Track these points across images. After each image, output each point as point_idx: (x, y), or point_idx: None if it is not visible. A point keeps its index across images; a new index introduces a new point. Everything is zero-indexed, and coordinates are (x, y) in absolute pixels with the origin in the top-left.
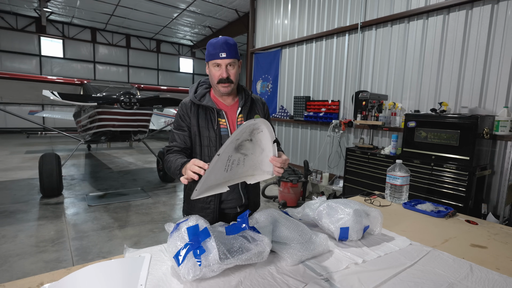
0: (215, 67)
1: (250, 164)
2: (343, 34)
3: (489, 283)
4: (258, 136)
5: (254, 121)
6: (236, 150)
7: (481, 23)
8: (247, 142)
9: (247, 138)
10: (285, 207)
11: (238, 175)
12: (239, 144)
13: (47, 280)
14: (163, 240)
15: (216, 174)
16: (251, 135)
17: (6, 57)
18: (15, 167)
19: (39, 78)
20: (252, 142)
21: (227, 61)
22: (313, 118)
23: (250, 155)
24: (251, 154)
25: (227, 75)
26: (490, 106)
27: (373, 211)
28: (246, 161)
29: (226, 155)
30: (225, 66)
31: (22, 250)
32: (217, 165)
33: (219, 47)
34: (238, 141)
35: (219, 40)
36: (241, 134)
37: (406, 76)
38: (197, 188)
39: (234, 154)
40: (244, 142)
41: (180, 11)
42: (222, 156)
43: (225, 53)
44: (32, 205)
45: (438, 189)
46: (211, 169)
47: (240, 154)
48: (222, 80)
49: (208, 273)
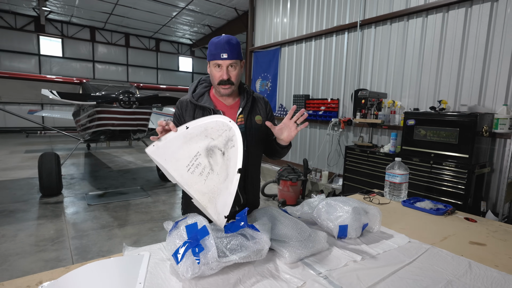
0: (216, 67)
1: (211, 186)
2: (342, 32)
3: (488, 280)
4: (231, 152)
5: (230, 123)
6: (207, 153)
7: (480, 21)
8: (219, 153)
9: (221, 147)
10: (284, 206)
11: (194, 187)
12: (212, 146)
13: (46, 278)
14: (162, 239)
15: (177, 154)
16: (226, 146)
17: (5, 56)
18: (14, 166)
19: (38, 77)
20: (223, 158)
21: (228, 62)
22: (312, 116)
23: (215, 175)
24: (216, 173)
25: (228, 76)
26: (489, 104)
27: (372, 209)
28: (209, 179)
29: (195, 147)
30: (226, 67)
31: (21, 249)
32: (180, 141)
33: (220, 47)
34: (213, 142)
35: (221, 39)
36: (217, 129)
37: (405, 74)
38: (154, 144)
39: (204, 156)
40: (217, 149)
41: (179, 9)
42: (190, 137)
43: (226, 54)
44: (31, 204)
45: (437, 187)
46: (175, 136)
47: (208, 162)
48: (223, 81)
49: (207, 271)
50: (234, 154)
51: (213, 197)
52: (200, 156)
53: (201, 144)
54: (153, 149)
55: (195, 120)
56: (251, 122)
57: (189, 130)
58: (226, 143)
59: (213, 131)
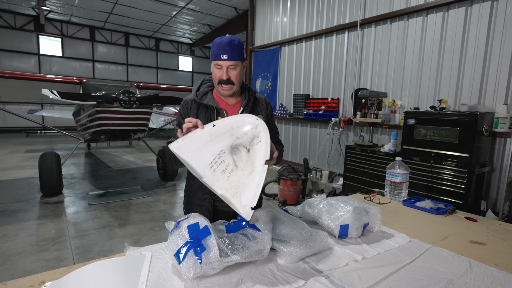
0: (217, 67)
1: (234, 181)
2: (342, 31)
3: (488, 279)
4: (256, 148)
5: (257, 121)
6: (232, 150)
7: (480, 20)
8: (244, 150)
9: (246, 145)
10: (285, 205)
11: (217, 184)
12: (237, 144)
13: (49, 278)
14: (163, 239)
15: (201, 151)
16: (251, 143)
17: (5, 56)
18: (15, 166)
19: (38, 77)
20: (248, 154)
21: (228, 63)
22: (312, 116)
23: (239, 171)
24: (241, 169)
25: (227, 77)
26: (489, 103)
27: (373, 209)
28: (232, 175)
29: (220, 145)
30: (226, 68)
31: (23, 249)
32: (205, 138)
33: (222, 47)
34: (238, 140)
35: (223, 40)
36: (242, 128)
37: (405, 74)
38: (178, 140)
39: (228, 154)
40: (242, 147)
41: (179, 9)
42: (215, 135)
43: (226, 55)
44: (32, 204)
45: (438, 186)
46: (201, 133)
47: (232, 159)
48: (222, 81)
49: (209, 270)
50: (261, 148)
51: (236, 192)
52: (224, 154)
53: (226, 143)
54: (177, 145)
55: (223, 118)
56: None
57: (215, 128)
58: (252, 140)
59: (238, 129)
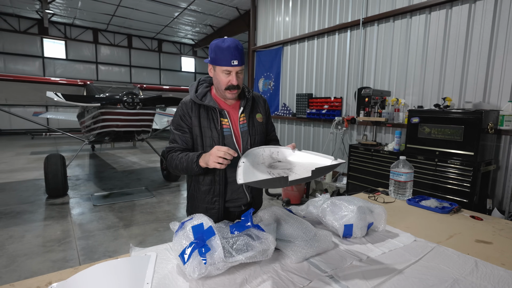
0: (224, 73)
1: (303, 174)
2: (344, 30)
3: (495, 278)
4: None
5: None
6: (272, 167)
7: (484, 17)
8: (278, 163)
9: (273, 162)
10: (288, 205)
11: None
12: (268, 164)
13: (55, 279)
14: (168, 239)
15: (257, 173)
16: (272, 159)
17: (10, 59)
18: (20, 168)
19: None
20: (282, 163)
21: (238, 69)
22: (315, 115)
23: (293, 170)
24: (295, 172)
25: (237, 82)
26: (494, 100)
27: (377, 208)
28: (294, 171)
29: (263, 168)
30: (235, 73)
31: (29, 250)
32: (251, 164)
33: (231, 53)
34: (265, 164)
35: (230, 45)
36: (261, 156)
37: (409, 72)
38: (238, 175)
39: (274, 169)
40: (275, 163)
41: (181, 10)
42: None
43: (237, 61)
44: (38, 206)
45: (443, 185)
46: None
47: (282, 171)
48: (232, 87)
49: (214, 271)
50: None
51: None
52: (273, 171)
53: (264, 168)
54: (241, 178)
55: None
56: (253, 120)
57: (246, 162)
58: (271, 156)
59: (259, 157)
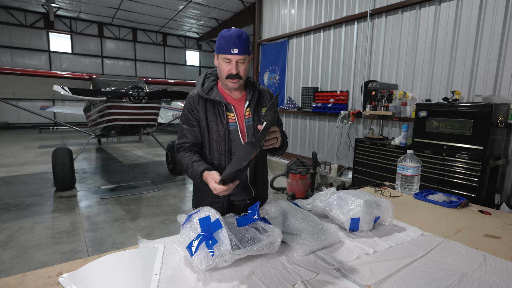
0: (225, 61)
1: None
2: (351, 22)
3: (504, 273)
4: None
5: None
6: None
7: (497, 7)
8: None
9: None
10: (293, 199)
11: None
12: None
13: (66, 269)
14: (174, 232)
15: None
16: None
17: (17, 53)
18: (29, 161)
19: (49, 73)
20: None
21: (238, 58)
22: (321, 109)
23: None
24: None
25: (237, 71)
26: (505, 94)
27: (384, 202)
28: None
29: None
30: (235, 62)
31: (39, 242)
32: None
33: (231, 41)
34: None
35: (232, 33)
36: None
37: (417, 65)
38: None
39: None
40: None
41: (185, 3)
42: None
43: (237, 49)
44: (47, 198)
45: (450, 179)
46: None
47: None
48: (231, 75)
49: (221, 263)
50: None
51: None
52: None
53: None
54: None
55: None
56: (258, 114)
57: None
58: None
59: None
